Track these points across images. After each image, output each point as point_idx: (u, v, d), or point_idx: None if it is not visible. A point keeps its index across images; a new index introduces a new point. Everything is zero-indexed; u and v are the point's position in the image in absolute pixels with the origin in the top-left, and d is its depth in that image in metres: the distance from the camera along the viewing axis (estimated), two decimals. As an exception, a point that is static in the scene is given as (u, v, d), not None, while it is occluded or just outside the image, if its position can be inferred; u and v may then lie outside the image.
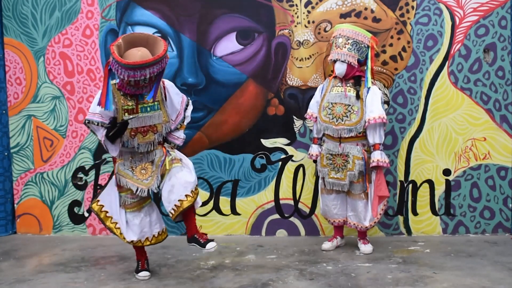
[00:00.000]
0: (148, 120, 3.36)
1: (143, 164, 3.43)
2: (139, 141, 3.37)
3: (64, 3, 4.69)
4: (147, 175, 3.39)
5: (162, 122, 3.41)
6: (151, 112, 3.36)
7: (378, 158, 3.83)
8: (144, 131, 3.36)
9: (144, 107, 3.35)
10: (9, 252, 4.24)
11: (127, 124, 3.25)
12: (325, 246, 4.12)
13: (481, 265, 3.64)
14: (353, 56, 3.88)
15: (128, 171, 3.41)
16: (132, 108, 3.32)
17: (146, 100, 3.33)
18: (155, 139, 3.41)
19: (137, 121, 3.33)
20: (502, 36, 4.41)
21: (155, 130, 3.39)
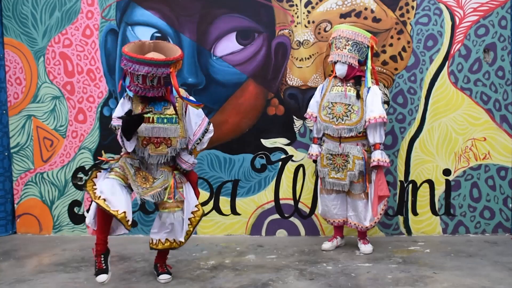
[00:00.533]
0: (163, 131, 3.27)
1: (147, 174, 3.33)
2: (151, 152, 3.28)
3: (64, 3, 4.69)
4: (146, 185, 3.27)
5: (178, 137, 3.30)
6: (167, 124, 3.28)
7: (378, 158, 3.83)
8: (158, 142, 3.28)
9: (161, 118, 3.28)
10: (9, 252, 4.24)
11: (142, 119, 3.12)
12: (325, 246, 4.12)
13: (481, 265, 3.64)
14: (353, 57, 3.88)
15: (132, 169, 3.29)
16: (148, 116, 3.24)
17: (165, 111, 3.28)
18: (168, 153, 3.31)
19: (152, 131, 3.26)
20: (502, 36, 4.41)
21: (169, 144, 3.30)
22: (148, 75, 3.11)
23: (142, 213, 4.68)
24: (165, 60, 3.13)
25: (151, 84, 3.16)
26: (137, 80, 3.14)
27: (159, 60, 3.12)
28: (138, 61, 3.08)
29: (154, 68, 3.09)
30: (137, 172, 3.30)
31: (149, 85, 3.16)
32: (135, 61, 3.09)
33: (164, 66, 3.13)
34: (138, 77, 3.12)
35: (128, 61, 3.11)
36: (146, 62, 3.09)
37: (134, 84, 3.18)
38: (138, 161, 3.34)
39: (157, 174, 3.35)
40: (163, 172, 3.35)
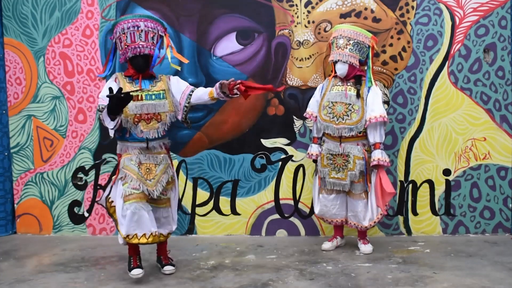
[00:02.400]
0: (152, 107, 3.42)
1: (149, 164, 3.45)
2: (142, 128, 3.41)
3: (64, 3, 4.69)
4: (151, 176, 3.43)
5: (167, 111, 3.46)
6: (156, 100, 3.43)
7: (379, 157, 3.83)
8: (148, 118, 3.41)
9: (149, 95, 3.43)
10: (9, 252, 4.24)
11: (130, 96, 3.15)
12: (325, 246, 4.12)
13: (481, 265, 3.64)
14: (354, 57, 3.88)
15: (135, 167, 3.41)
16: (136, 95, 3.38)
17: (152, 88, 3.45)
18: (159, 127, 3.45)
19: (141, 108, 3.39)
20: (502, 36, 4.42)
21: (159, 119, 3.44)
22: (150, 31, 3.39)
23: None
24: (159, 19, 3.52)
25: (152, 42, 3.41)
26: (139, 38, 3.37)
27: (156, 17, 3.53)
28: (142, 17, 3.42)
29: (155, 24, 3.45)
30: (140, 166, 3.43)
31: (150, 42, 3.40)
32: (138, 18, 3.41)
33: (160, 24, 3.50)
34: (140, 34, 3.37)
35: (129, 20, 3.39)
36: (149, 18, 3.45)
37: (136, 44, 3.37)
38: (137, 155, 3.44)
39: (157, 160, 3.49)
40: (163, 157, 3.52)
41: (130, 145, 3.47)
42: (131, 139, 3.46)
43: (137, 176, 3.39)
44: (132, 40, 3.37)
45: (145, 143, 3.45)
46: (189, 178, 4.66)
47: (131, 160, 3.43)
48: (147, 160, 3.45)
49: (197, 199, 4.67)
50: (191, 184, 4.67)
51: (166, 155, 3.56)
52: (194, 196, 4.67)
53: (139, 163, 3.43)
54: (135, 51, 3.37)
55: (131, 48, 3.37)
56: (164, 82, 3.53)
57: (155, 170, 3.45)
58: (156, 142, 3.49)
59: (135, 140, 3.45)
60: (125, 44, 3.40)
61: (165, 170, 3.51)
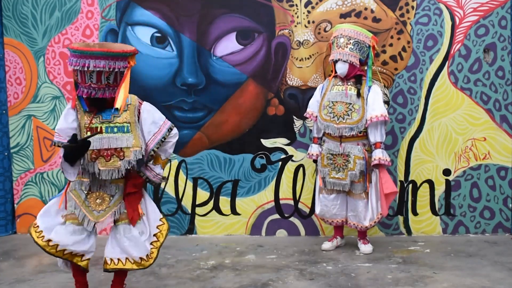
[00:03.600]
0: (113, 142, 2.85)
1: (101, 193, 2.94)
2: (100, 167, 2.84)
3: (64, 3, 4.68)
4: (101, 207, 2.92)
5: (132, 147, 2.87)
6: (118, 133, 2.87)
7: (379, 156, 3.83)
8: (108, 155, 2.85)
9: (111, 127, 2.87)
10: (9, 252, 4.24)
11: (88, 143, 2.74)
12: (325, 246, 4.12)
13: (481, 265, 3.64)
14: (355, 56, 3.88)
15: (82, 193, 2.92)
16: (96, 126, 2.85)
17: (114, 119, 2.88)
18: (121, 167, 2.86)
19: (100, 142, 2.83)
20: (502, 36, 4.41)
21: (121, 156, 2.86)
22: (104, 71, 2.73)
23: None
24: (123, 52, 2.78)
25: (106, 82, 2.77)
26: (90, 79, 2.74)
27: (117, 52, 2.76)
28: (93, 54, 2.69)
29: (112, 61, 2.73)
30: (89, 195, 2.93)
31: (104, 83, 2.77)
32: (88, 55, 2.69)
33: (122, 59, 2.78)
34: (91, 75, 2.73)
35: (80, 57, 2.70)
36: (103, 54, 2.71)
37: (86, 85, 2.76)
38: (88, 182, 2.93)
39: (112, 190, 2.95)
40: (117, 186, 2.96)
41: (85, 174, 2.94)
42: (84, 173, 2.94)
43: (83, 206, 2.90)
44: (81, 80, 2.77)
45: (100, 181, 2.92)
46: (189, 178, 4.66)
47: (81, 185, 2.93)
48: (99, 189, 2.94)
49: (197, 199, 4.67)
50: (191, 184, 4.67)
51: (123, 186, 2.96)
52: (194, 196, 4.67)
53: (88, 191, 2.93)
54: (86, 94, 2.79)
55: (81, 88, 2.80)
56: (132, 112, 2.91)
57: (108, 202, 2.93)
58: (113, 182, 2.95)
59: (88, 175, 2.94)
60: (76, 80, 2.83)
61: (120, 202, 2.95)
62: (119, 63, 2.77)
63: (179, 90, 4.57)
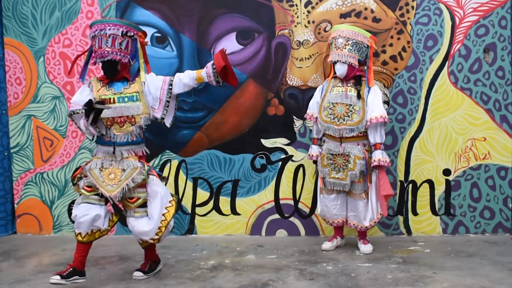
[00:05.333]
0: (125, 110, 3.35)
1: (113, 169, 3.35)
2: (115, 132, 3.35)
3: (64, 3, 4.69)
4: (114, 181, 3.30)
5: (141, 114, 3.38)
6: (129, 102, 3.36)
7: (379, 158, 3.83)
8: (121, 121, 3.35)
9: (122, 97, 3.37)
10: (9, 252, 4.24)
11: (103, 103, 3.24)
12: (325, 246, 4.12)
13: (481, 265, 3.64)
14: (353, 57, 3.88)
15: (96, 170, 3.35)
16: (109, 97, 3.35)
17: (125, 91, 3.38)
18: (133, 131, 3.37)
19: (114, 111, 3.33)
20: (502, 36, 4.41)
21: (133, 122, 3.37)
22: (118, 36, 3.30)
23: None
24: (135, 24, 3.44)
25: (119, 47, 3.31)
26: (106, 44, 3.30)
27: (129, 22, 3.44)
28: (109, 22, 3.34)
29: (124, 28, 3.33)
30: (102, 171, 3.35)
31: (117, 48, 3.30)
32: (105, 22, 3.34)
33: (133, 29, 3.39)
34: (107, 40, 3.29)
35: (98, 25, 3.33)
36: (117, 22, 3.37)
37: (102, 49, 3.30)
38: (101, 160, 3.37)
39: (124, 164, 3.36)
40: (130, 162, 3.37)
41: (100, 149, 3.43)
42: (100, 143, 3.43)
43: (98, 181, 3.30)
44: (99, 46, 3.32)
45: (112, 148, 3.37)
46: (189, 178, 4.66)
47: (96, 164, 3.37)
48: (111, 165, 3.36)
49: (197, 199, 4.67)
50: (191, 184, 4.67)
51: (135, 162, 3.37)
52: (194, 196, 4.67)
53: (102, 167, 3.35)
54: (100, 56, 3.33)
55: (98, 53, 3.33)
56: (139, 83, 3.42)
57: (120, 176, 3.32)
58: (125, 148, 3.39)
59: (103, 144, 3.40)
60: (94, 49, 3.37)
61: (131, 175, 3.32)
62: (130, 32, 3.36)
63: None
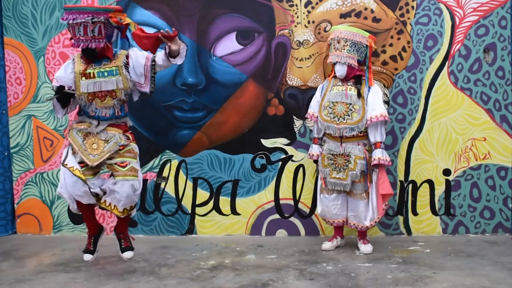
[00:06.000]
0: (105, 85, 3.40)
1: (96, 139, 3.45)
2: (97, 106, 3.43)
3: (64, 3, 4.68)
4: (96, 151, 3.41)
5: (122, 88, 3.44)
6: (108, 77, 3.41)
7: (379, 156, 3.83)
8: (102, 96, 3.42)
9: (101, 72, 3.41)
10: (9, 252, 4.24)
11: (71, 94, 3.36)
12: (325, 246, 4.12)
13: (481, 265, 3.64)
14: (352, 58, 3.89)
15: (79, 138, 3.44)
16: (89, 72, 3.40)
17: (104, 66, 3.42)
18: (114, 104, 3.46)
19: (94, 86, 3.39)
20: (502, 36, 4.41)
21: (114, 96, 3.44)
22: (89, 24, 3.29)
23: (142, 213, 4.68)
24: (103, 8, 3.44)
25: (92, 35, 3.32)
26: (78, 32, 3.33)
27: (97, 7, 3.44)
28: (78, 10, 3.34)
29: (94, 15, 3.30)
30: (86, 139, 3.44)
31: (90, 35, 3.32)
32: (74, 10, 3.34)
33: (103, 12, 3.35)
34: (79, 28, 3.31)
35: (68, 13, 3.34)
36: (85, 9, 3.35)
37: (76, 38, 3.35)
38: (85, 127, 3.46)
39: (108, 135, 3.46)
40: (114, 134, 3.47)
41: (82, 118, 3.53)
42: (86, 115, 3.52)
43: (80, 150, 3.40)
44: (73, 34, 3.38)
45: (97, 121, 3.48)
46: (189, 178, 4.66)
47: (78, 132, 3.47)
48: (95, 136, 3.45)
49: (197, 199, 4.67)
50: (191, 184, 4.67)
51: (119, 134, 3.48)
52: (194, 196, 4.67)
53: (85, 135, 3.45)
54: (76, 46, 3.40)
55: (73, 42, 3.40)
56: (120, 59, 3.46)
57: (103, 147, 3.43)
58: (109, 122, 3.50)
59: (89, 117, 3.51)
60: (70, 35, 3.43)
61: (114, 148, 3.44)
62: (99, 16, 3.32)
63: (179, 90, 4.57)
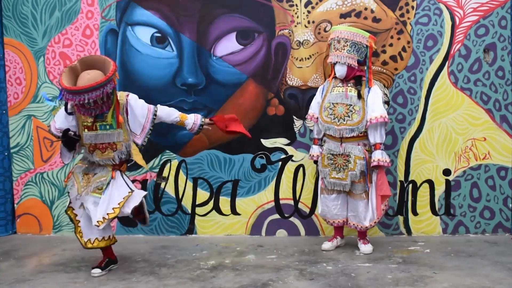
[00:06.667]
0: (106, 137, 3.48)
1: (89, 174, 3.56)
2: (98, 157, 3.52)
3: (64, 3, 4.68)
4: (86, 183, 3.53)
5: (122, 141, 3.51)
6: (110, 130, 3.47)
7: (379, 158, 3.83)
8: (103, 147, 3.50)
9: (103, 125, 3.47)
10: (9, 252, 4.24)
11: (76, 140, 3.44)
12: (325, 246, 4.12)
13: (481, 265, 3.64)
14: (352, 58, 3.88)
15: (80, 176, 3.56)
16: (90, 125, 3.46)
17: (106, 118, 3.45)
18: (114, 157, 3.53)
19: (95, 138, 3.48)
20: (502, 36, 4.41)
21: (114, 148, 3.52)
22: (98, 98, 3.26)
23: (142, 213, 4.68)
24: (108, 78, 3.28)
25: (101, 102, 3.32)
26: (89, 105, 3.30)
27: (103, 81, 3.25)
28: (87, 90, 3.22)
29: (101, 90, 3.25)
30: (84, 176, 3.55)
31: (100, 103, 3.32)
32: (83, 91, 3.22)
33: (94, 90, 3.24)
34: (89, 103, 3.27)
35: (75, 94, 3.23)
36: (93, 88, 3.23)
37: (86, 108, 3.34)
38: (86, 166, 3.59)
39: (97, 170, 3.57)
40: (103, 168, 3.56)
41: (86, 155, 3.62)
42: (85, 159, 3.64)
43: (77, 184, 3.53)
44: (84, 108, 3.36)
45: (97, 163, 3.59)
46: (189, 178, 4.66)
47: (80, 168, 3.59)
48: (90, 171, 3.57)
49: (197, 199, 4.67)
50: (191, 184, 4.67)
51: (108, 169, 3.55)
52: (194, 196, 4.67)
53: (84, 173, 3.57)
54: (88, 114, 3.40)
55: (82, 110, 3.38)
56: (121, 110, 3.49)
57: (92, 179, 3.54)
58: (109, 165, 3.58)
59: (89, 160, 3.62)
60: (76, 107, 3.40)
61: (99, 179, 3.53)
62: (107, 88, 3.28)
63: (179, 90, 4.57)
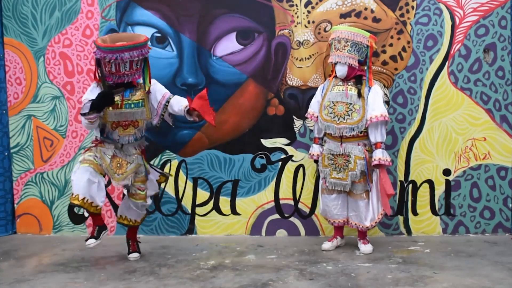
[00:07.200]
0: (130, 115, 3.63)
1: (120, 159, 3.67)
2: (120, 134, 3.65)
3: (64, 3, 4.69)
4: (121, 171, 3.65)
5: (144, 119, 3.70)
6: (134, 108, 3.64)
7: (379, 157, 3.83)
8: (126, 125, 3.65)
9: (129, 104, 3.62)
10: (9, 252, 4.24)
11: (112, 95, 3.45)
12: (325, 246, 4.12)
13: (481, 265, 3.64)
14: (353, 58, 3.88)
15: (107, 158, 3.63)
16: (117, 103, 3.56)
17: (132, 97, 3.62)
18: (135, 133, 3.70)
19: (120, 116, 3.60)
20: (502, 36, 4.42)
21: (136, 125, 3.69)
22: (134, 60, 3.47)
23: (142, 213, 4.68)
24: (144, 41, 3.54)
25: (136, 67, 3.52)
26: (124, 68, 3.48)
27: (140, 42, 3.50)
28: (111, 50, 3.42)
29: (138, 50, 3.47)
30: (112, 159, 3.64)
31: (122, 71, 3.48)
32: (123, 49, 3.43)
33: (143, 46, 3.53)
34: (125, 65, 3.47)
35: (101, 51, 3.44)
36: (131, 47, 3.45)
37: (121, 73, 3.49)
38: (113, 148, 3.67)
39: (130, 158, 3.71)
40: (136, 157, 3.73)
41: (107, 141, 3.70)
42: (107, 139, 3.70)
43: (108, 168, 3.61)
44: (117, 69, 3.50)
45: (120, 144, 3.71)
46: (189, 178, 4.66)
47: (106, 152, 3.64)
48: (120, 156, 3.68)
49: (197, 199, 4.67)
50: (191, 184, 4.67)
51: (139, 156, 3.77)
52: (194, 196, 4.67)
53: (113, 156, 3.65)
54: (120, 80, 3.54)
55: (116, 76, 3.52)
56: (143, 90, 3.69)
57: (126, 167, 3.67)
58: (131, 145, 3.73)
59: (111, 141, 3.70)
60: (109, 71, 3.51)
61: (136, 169, 3.73)
62: (145, 50, 3.55)
63: (179, 90, 4.56)
